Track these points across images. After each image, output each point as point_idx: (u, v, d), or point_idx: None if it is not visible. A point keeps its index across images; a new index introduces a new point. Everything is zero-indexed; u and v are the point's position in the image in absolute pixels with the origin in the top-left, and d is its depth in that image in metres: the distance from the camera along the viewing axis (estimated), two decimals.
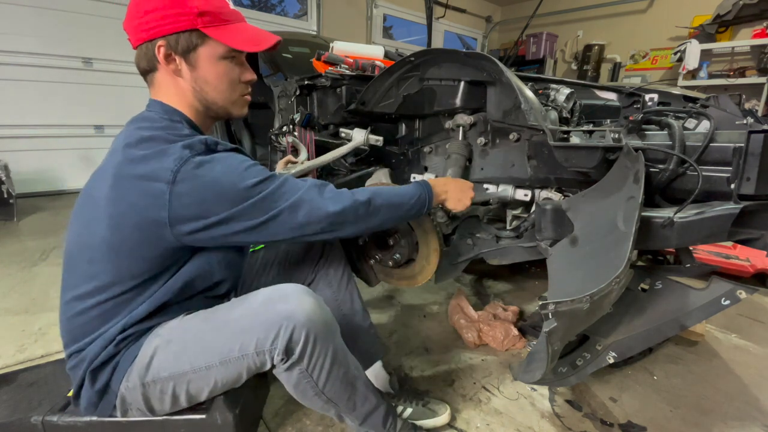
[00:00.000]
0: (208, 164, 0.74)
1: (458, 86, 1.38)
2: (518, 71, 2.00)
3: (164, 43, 0.79)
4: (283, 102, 2.05)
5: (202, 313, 0.83)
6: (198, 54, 0.81)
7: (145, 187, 0.72)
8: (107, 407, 0.81)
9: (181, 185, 0.71)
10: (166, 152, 0.73)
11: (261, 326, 0.76)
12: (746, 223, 0.99)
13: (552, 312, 0.81)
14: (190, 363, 0.78)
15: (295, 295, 0.79)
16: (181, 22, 0.78)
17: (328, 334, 0.81)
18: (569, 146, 1.12)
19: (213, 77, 0.84)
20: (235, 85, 0.87)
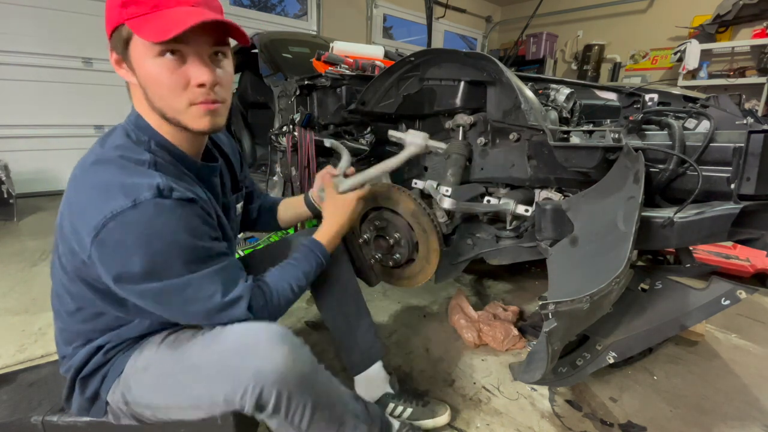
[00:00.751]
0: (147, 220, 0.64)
1: (458, 86, 1.38)
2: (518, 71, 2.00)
3: (109, 44, 0.70)
4: (283, 102, 2.05)
5: (179, 341, 0.78)
6: (130, 52, 0.68)
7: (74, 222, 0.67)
8: (98, 413, 0.82)
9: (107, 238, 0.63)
10: (106, 192, 0.64)
11: (228, 380, 0.69)
12: (746, 223, 0.99)
13: (552, 312, 0.81)
14: (164, 399, 0.76)
15: (266, 347, 0.69)
16: (112, 17, 0.67)
17: (305, 385, 0.72)
18: (569, 146, 1.12)
19: (148, 79, 0.69)
20: (178, 90, 0.69)
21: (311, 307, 1.82)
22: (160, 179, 0.66)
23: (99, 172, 0.68)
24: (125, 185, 0.64)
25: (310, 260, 0.93)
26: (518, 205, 1.34)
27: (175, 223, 0.67)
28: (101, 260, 0.65)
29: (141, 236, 0.64)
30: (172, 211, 0.66)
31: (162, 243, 0.65)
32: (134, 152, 0.70)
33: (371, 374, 1.17)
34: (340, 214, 1.02)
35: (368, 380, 1.17)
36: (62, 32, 3.56)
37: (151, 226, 0.64)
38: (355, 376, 1.18)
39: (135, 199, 0.63)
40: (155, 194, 0.64)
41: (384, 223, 1.40)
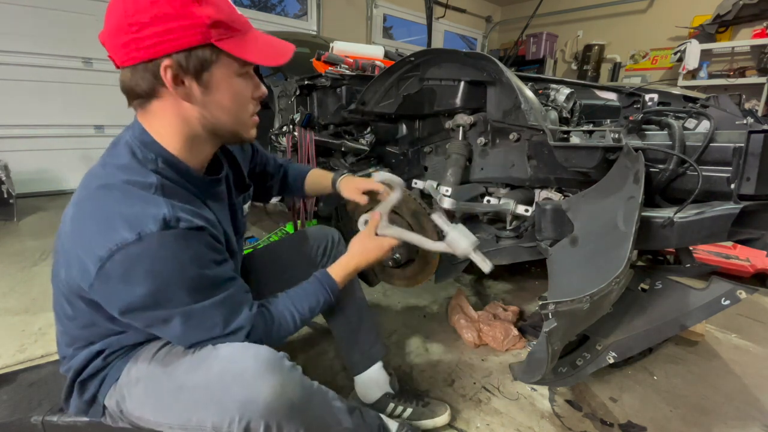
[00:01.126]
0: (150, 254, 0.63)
1: (458, 86, 1.38)
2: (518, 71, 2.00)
3: (171, 62, 0.65)
4: (283, 102, 2.05)
5: (169, 357, 0.76)
6: (212, 74, 0.69)
7: (79, 249, 0.65)
8: (96, 414, 0.82)
9: (111, 270, 0.63)
10: (111, 224, 0.63)
11: (215, 408, 0.67)
12: (746, 223, 0.99)
13: (552, 312, 0.81)
14: (154, 416, 0.75)
15: (253, 375, 0.67)
16: (191, 35, 0.64)
17: (295, 413, 0.70)
18: (569, 146, 1.12)
19: (228, 99, 0.72)
20: (248, 105, 0.77)
21: None
22: (166, 209, 0.65)
23: (103, 199, 0.66)
24: (129, 216, 0.64)
25: (318, 295, 0.91)
26: (518, 205, 1.34)
27: (181, 254, 0.66)
28: (105, 291, 0.66)
29: (146, 269, 0.64)
30: (178, 242, 0.66)
31: (167, 275, 0.65)
32: (140, 174, 0.69)
33: (371, 374, 1.17)
34: (368, 254, 1.00)
35: (368, 380, 1.17)
36: (62, 32, 3.56)
37: (156, 259, 0.64)
38: (356, 376, 1.18)
39: (140, 232, 0.62)
40: (161, 226, 0.64)
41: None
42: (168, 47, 0.64)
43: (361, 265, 0.99)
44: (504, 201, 1.37)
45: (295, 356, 1.44)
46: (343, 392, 1.26)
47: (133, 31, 0.63)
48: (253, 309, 0.78)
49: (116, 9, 0.64)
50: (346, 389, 1.26)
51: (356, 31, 5.79)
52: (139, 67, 0.66)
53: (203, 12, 0.64)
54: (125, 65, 0.67)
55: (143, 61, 0.65)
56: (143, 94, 0.69)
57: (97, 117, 3.88)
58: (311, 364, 1.40)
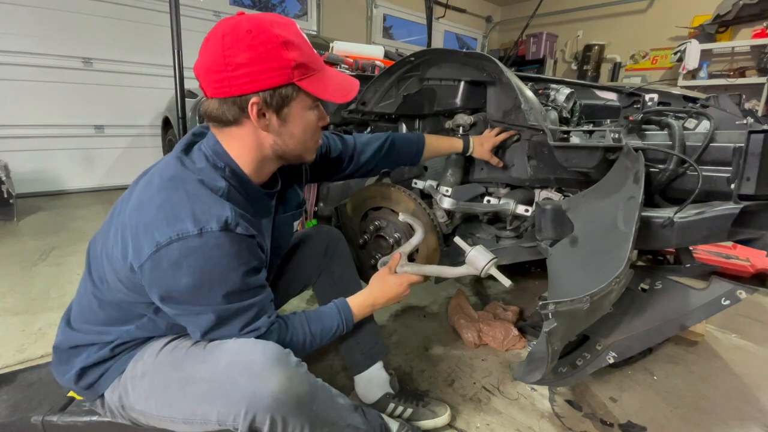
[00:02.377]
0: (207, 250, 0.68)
1: (458, 86, 1.38)
2: (518, 71, 1.99)
3: (259, 99, 0.71)
4: None
5: (176, 352, 0.78)
6: (291, 108, 0.76)
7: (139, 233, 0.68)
8: (88, 398, 0.83)
9: (164, 257, 0.66)
10: (177, 214, 0.68)
11: (221, 401, 0.69)
12: (746, 223, 0.99)
13: (552, 312, 0.81)
14: (157, 410, 0.76)
15: (261, 370, 0.68)
16: (278, 76, 0.71)
17: (302, 408, 0.71)
18: (569, 146, 1.12)
19: (299, 129, 0.79)
20: (316, 133, 0.84)
21: (312, 306, 1.82)
22: (230, 213, 0.70)
23: (175, 190, 0.71)
24: (196, 212, 0.68)
25: (333, 322, 0.93)
26: (518, 205, 1.34)
27: (232, 257, 0.70)
28: (153, 274, 0.68)
29: (197, 263, 0.67)
30: (232, 245, 0.70)
31: (213, 273, 0.69)
32: (213, 178, 0.74)
33: (372, 374, 1.17)
34: (387, 291, 1.01)
35: (368, 380, 1.17)
36: (62, 32, 3.56)
37: (209, 255, 0.68)
38: (356, 376, 1.18)
39: (202, 228, 0.67)
40: (222, 227, 0.68)
41: (384, 223, 1.41)
42: (258, 86, 0.71)
43: (380, 301, 1.01)
44: (504, 201, 1.37)
45: None
46: (344, 392, 1.25)
47: (229, 70, 0.69)
48: (272, 317, 0.80)
49: (215, 46, 0.69)
50: (346, 389, 1.26)
51: (356, 31, 5.79)
52: (228, 100, 0.72)
53: (290, 56, 0.71)
54: (216, 97, 0.73)
55: (235, 96, 0.71)
56: (227, 122, 0.75)
57: (97, 117, 3.88)
58: (311, 363, 1.39)
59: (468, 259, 1.00)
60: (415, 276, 1.04)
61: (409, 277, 1.03)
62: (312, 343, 0.88)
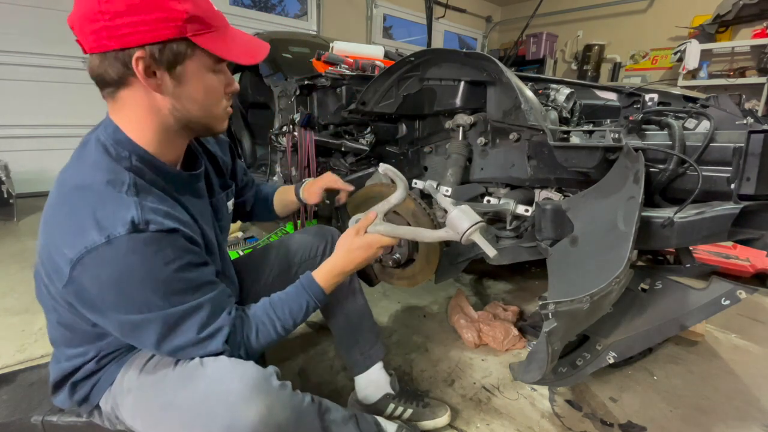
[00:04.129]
0: (119, 258, 0.62)
1: (458, 86, 1.38)
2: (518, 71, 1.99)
3: (144, 54, 0.63)
4: (283, 102, 2.05)
5: (159, 372, 0.75)
6: (185, 67, 0.68)
7: (51, 251, 0.65)
8: (86, 411, 0.83)
9: (79, 272, 0.62)
10: (81, 226, 0.62)
11: (200, 430, 0.67)
12: (746, 223, 0.99)
13: (552, 312, 0.81)
14: (143, 428, 0.75)
15: (238, 398, 0.66)
16: (166, 29, 0.64)
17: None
18: (569, 146, 1.12)
19: (199, 93, 0.72)
20: (221, 99, 0.76)
21: None
22: (135, 211, 0.64)
23: (77, 200, 0.65)
24: (101, 218, 0.62)
25: (300, 301, 0.86)
26: (518, 205, 1.34)
27: (151, 258, 0.64)
28: (78, 294, 0.65)
29: (115, 273, 0.63)
30: (147, 246, 0.64)
31: (138, 279, 0.64)
32: (114, 173, 0.67)
33: (372, 375, 1.17)
34: (354, 256, 0.91)
35: (368, 381, 1.17)
36: (62, 32, 3.55)
37: (125, 263, 0.63)
38: (356, 376, 1.18)
39: (109, 235, 0.61)
40: (129, 229, 0.62)
41: None
42: (142, 38, 0.63)
43: (348, 267, 0.91)
44: (504, 201, 1.36)
45: (295, 356, 1.45)
46: (344, 392, 1.26)
47: (105, 19, 0.61)
48: (233, 313, 0.76)
49: None
50: (346, 389, 1.26)
51: (356, 31, 5.79)
52: (109, 55, 0.64)
53: (181, 6, 0.64)
54: (94, 52, 0.65)
55: (114, 49, 0.64)
56: (112, 82, 0.68)
57: (97, 117, 3.82)
58: (311, 364, 1.40)
59: (449, 221, 0.88)
60: (386, 238, 0.92)
61: (380, 239, 0.91)
62: (284, 327, 0.83)
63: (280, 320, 0.83)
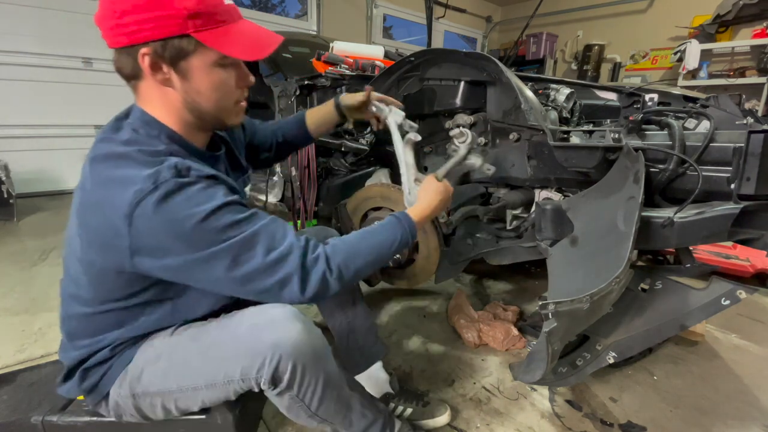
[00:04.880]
0: (171, 199, 0.65)
1: (458, 86, 1.38)
2: (518, 71, 1.99)
3: (149, 50, 0.67)
4: (283, 102, 2.05)
5: (192, 329, 0.80)
6: (190, 63, 0.70)
7: (105, 215, 0.66)
8: (92, 402, 0.82)
9: (139, 223, 0.64)
10: (128, 181, 0.65)
11: (246, 354, 0.72)
12: (746, 223, 0.99)
13: (552, 312, 0.81)
14: (177, 383, 0.76)
15: (282, 322, 0.73)
16: (168, 26, 0.66)
17: (318, 361, 0.75)
18: (569, 146, 1.12)
19: (206, 87, 0.73)
20: (232, 93, 0.77)
21: (312, 306, 1.82)
22: (176, 160, 0.68)
23: (117, 164, 0.67)
24: (144, 173, 0.65)
25: (395, 232, 0.85)
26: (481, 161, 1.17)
27: (199, 195, 0.67)
28: (142, 247, 0.66)
29: (169, 215, 0.65)
30: (194, 185, 0.67)
31: (191, 218, 0.65)
32: (148, 144, 0.70)
33: (371, 374, 1.17)
34: (441, 198, 0.95)
35: (368, 380, 1.17)
36: (62, 32, 3.56)
37: (176, 204, 0.65)
38: (355, 376, 1.18)
39: (155, 180, 0.64)
40: (174, 173, 0.66)
41: None
42: (147, 35, 0.66)
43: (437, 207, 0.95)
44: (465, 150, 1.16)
45: None
46: None
47: (116, 17, 0.66)
48: (301, 239, 0.75)
49: None
50: None
51: (356, 31, 5.79)
52: (122, 50, 0.69)
53: (182, 4, 0.66)
54: (112, 47, 0.70)
55: (125, 46, 0.68)
56: (129, 75, 0.72)
57: (97, 117, 3.88)
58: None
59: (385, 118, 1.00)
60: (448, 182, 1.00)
61: (448, 184, 0.99)
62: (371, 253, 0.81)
63: (367, 244, 0.82)
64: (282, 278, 0.71)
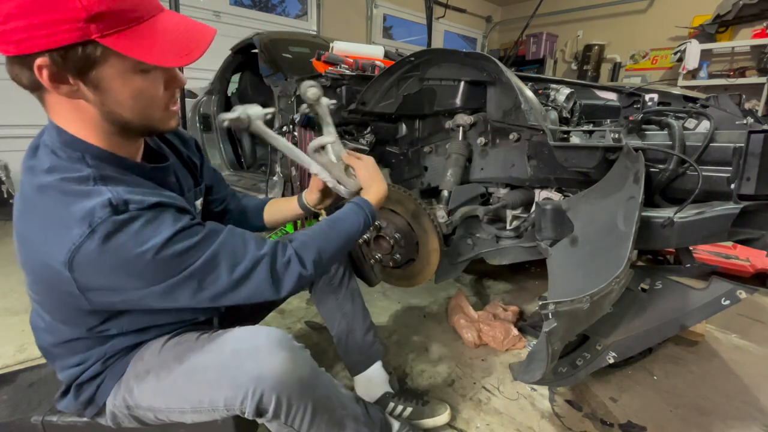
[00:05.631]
0: (113, 241, 0.58)
1: (458, 86, 1.38)
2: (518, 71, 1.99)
3: (45, 62, 0.55)
4: (283, 102, 2.05)
5: (180, 347, 0.77)
6: (101, 73, 0.58)
7: (42, 258, 0.61)
8: (91, 414, 0.82)
9: (82, 268, 0.58)
10: (59, 223, 0.58)
11: (228, 385, 0.68)
12: (746, 223, 0.99)
13: (552, 312, 0.81)
14: (165, 404, 0.75)
15: (266, 351, 0.69)
16: (65, 32, 0.53)
17: (305, 390, 0.72)
18: (569, 146, 1.12)
19: (126, 97, 0.62)
20: (158, 99, 0.66)
21: (311, 307, 1.82)
22: (110, 193, 0.60)
23: (44, 201, 0.61)
24: (75, 212, 0.58)
25: (358, 216, 0.85)
26: None
27: (148, 231, 0.60)
28: (93, 285, 0.62)
29: (113, 259, 0.59)
30: (135, 221, 0.60)
31: (139, 255, 0.59)
32: (72, 170, 0.62)
33: (371, 374, 1.17)
34: (380, 175, 0.94)
35: (368, 380, 1.17)
36: None
37: (118, 246, 0.58)
38: (355, 376, 1.18)
39: (90, 223, 0.57)
40: (110, 212, 0.58)
41: (384, 223, 1.41)
42: (39, 44, 0.54)
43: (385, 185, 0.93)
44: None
45: None
46: None
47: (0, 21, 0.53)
48: (265, 248, 0.72)
49: None
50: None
51: (356, 31, 5.79)
52: (14, 60, 0.57)
53: (79, 3, 0.53)
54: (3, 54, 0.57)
55: (15, 56, 0.56)
56: (30, 87, 0.61)
57: None
58: None
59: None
60: None
61: None
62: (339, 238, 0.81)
63: (336, 234, 0.81)
64: (253, 290, 0.69)
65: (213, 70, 3.03)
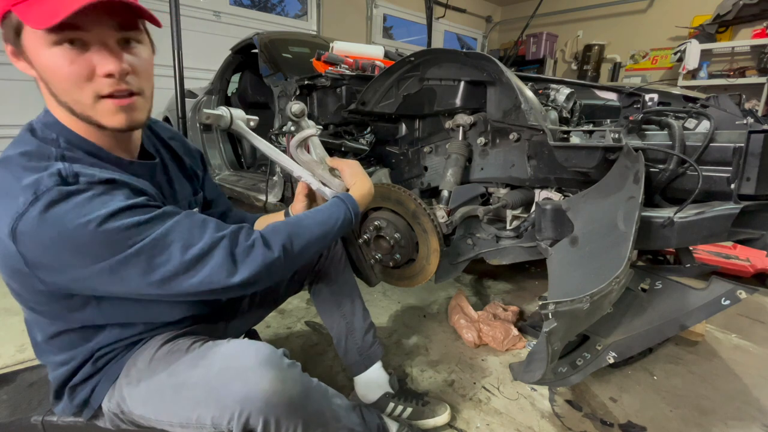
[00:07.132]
0: (54, 210, 0.56)
1: (458, 86, 1.38)
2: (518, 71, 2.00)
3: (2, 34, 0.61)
4: (283, 102, 2.05)
5: (170, 356, 0.76)
6: (22, 42, 0.61)
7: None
8: (87, 417, 0.82)
9: (25, 239, 0.57)
10: (7, 193, 0.58)
11: (216, 405, 0.67)
12: (746, 223, 0.99)
13: (552, 312, 0.81)
14: (155, 414, 0.75)
15: (254, 371, 0.67)
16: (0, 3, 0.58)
17: (295, 410, 0.69)
18: (569, 146, 1.12)
19: (47, 72, 0.61)
20: (81, 82, 0.62)
21: (311, 307, 1.82)
22: (62, 165, 0.60)
23: (1, 174, 0.61)
24: (25, 184, 0.58)
25: (338, 209, 0.84)
26: None
27: (94, 203, 0.59)
28: (38, 262, 0.60)
29: (56, 230, 0.57)
30: (82, 193, 0.59)
31: (85, 226, 0.58)
32: (36, 146, 0.63)
33: (371, 375, 1.17)
34: (365, 175, 0.95)
35: (368, 381, 1.17)
36: None
37: (63, 214, 0.57)
38: (355, 376, 1.18)
39: (35, 191, 0.57)
40: (57, 181, 0.58)
41: (384, 223, 1.40)
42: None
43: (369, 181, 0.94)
44: None
45: (295, 357, 1.44)
46: (343, 392, 1.25)
47: None
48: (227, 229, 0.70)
49: None
50: (346, 389, 1.26)
51: (356, 31, 5.79)
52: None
53: None
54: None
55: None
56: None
57: None
58: (311, 364, 1.40)
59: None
60: None
61: None
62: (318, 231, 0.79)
63: (311, 222, 0.80)
64: (208, 275, 0.65)
65: (213, 70, 3.04)
